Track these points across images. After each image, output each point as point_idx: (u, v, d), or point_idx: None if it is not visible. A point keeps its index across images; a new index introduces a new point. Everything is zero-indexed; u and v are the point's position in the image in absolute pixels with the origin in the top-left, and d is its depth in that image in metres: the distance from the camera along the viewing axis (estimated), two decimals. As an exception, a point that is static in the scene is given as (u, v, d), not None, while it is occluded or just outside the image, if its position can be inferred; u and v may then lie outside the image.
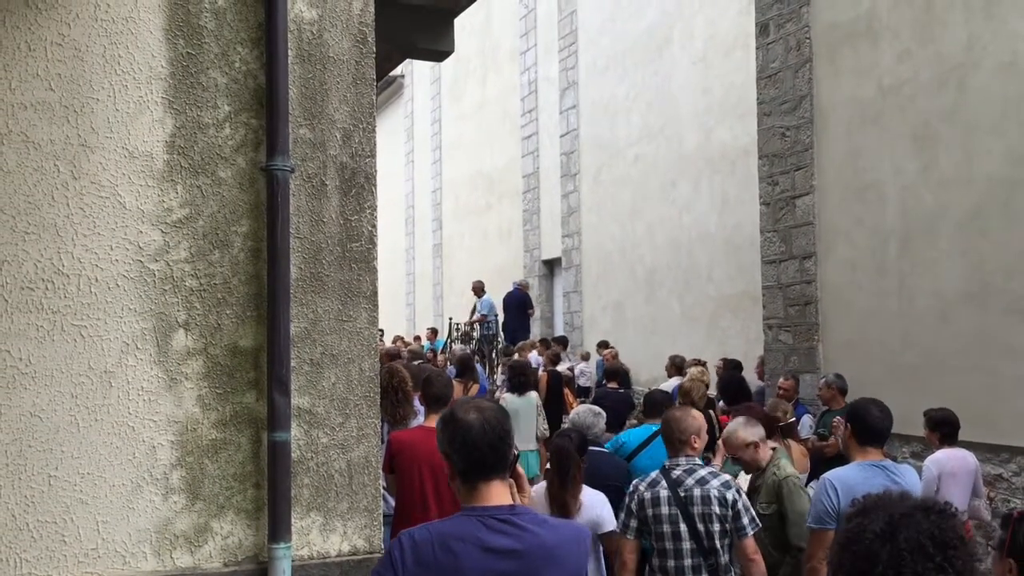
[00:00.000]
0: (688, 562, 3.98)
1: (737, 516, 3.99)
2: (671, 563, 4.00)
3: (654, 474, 4.19)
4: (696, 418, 4.33)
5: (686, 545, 3.97)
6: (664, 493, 4.05)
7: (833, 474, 4.12)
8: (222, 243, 3.50)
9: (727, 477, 4.19)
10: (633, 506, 4.14)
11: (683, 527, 3.98)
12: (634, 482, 4.26)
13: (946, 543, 1.72)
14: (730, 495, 4.01)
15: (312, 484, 3.58)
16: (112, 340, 3.31)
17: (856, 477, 3.94)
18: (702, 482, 4.04)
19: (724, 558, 4.01)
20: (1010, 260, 7.27)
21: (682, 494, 4.02)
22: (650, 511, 4.05)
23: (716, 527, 3.97)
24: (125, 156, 3.37)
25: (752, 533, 4.03)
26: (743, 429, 4.84)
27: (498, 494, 2.20)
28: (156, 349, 3.38)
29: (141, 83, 3.41)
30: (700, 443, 4.28)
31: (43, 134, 3.27)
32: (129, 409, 3.32)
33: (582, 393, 12.49)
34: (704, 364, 10.11)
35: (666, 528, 4.01)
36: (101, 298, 3.31)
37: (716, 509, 3.97)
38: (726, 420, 6.68)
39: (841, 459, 5.58)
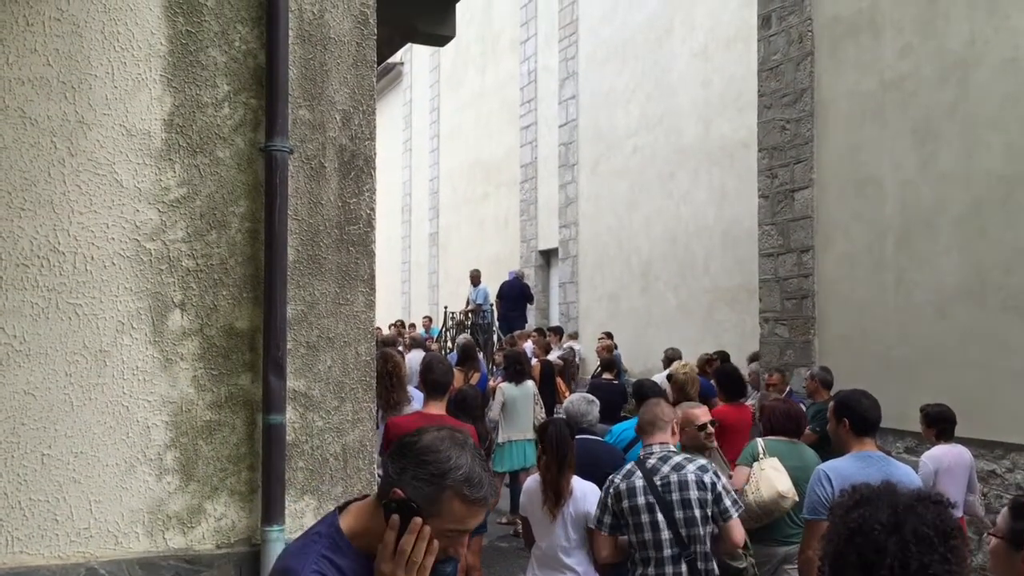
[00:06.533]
0: (667, 552, 3.86)
1: (719, 499, 3.89)
2: (651, 554, 3.89)
3: (629, 465, 4.08)
4: (670, 406, 4.40)
5: (664, 535, 3.86)
6: (639, 483, 3.93)
7: (828, 465, 4.09)
8: (219, 223, 3.47)
9: (703, 461, 4.06)
10: (609, 500, 4.03)
11: (660, 517, 3.87)
12: (609, 476, 4.13)
13: (947, 533, 1.76)
14: (707, 478, 3.91)
15: (307, 467, 3.56)
16: (107, 319, 3.29)
17: (851, 468, 3.92)
18: (677, 468, 3.93)
19: (704, 547, 3.92)
20: (1008, 256, 7.26)
21: (658, 482, 3.91)
22: (626, 503, 3.94)
23: (697, 512, 3.85)
24: (123, 134, 3.34)
25: (737, 515, 3.97)
26: (699, 409, 4.89)
27: None
28: (152, 329, 3.36)
29: (140, 60, 3.38)
30: (677, 433, 4.28)
31: (40, 110, 3.24)
32: (123, 389, 3.30)
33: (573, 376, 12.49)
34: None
35: (644, 518, 3.89)
36: (97, 276, 3.28)
37: (694, 494, 3.86)
38: (725, 411, 6.66)
39: (818, 448, 5.56)
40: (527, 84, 18.48)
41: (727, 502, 3.93)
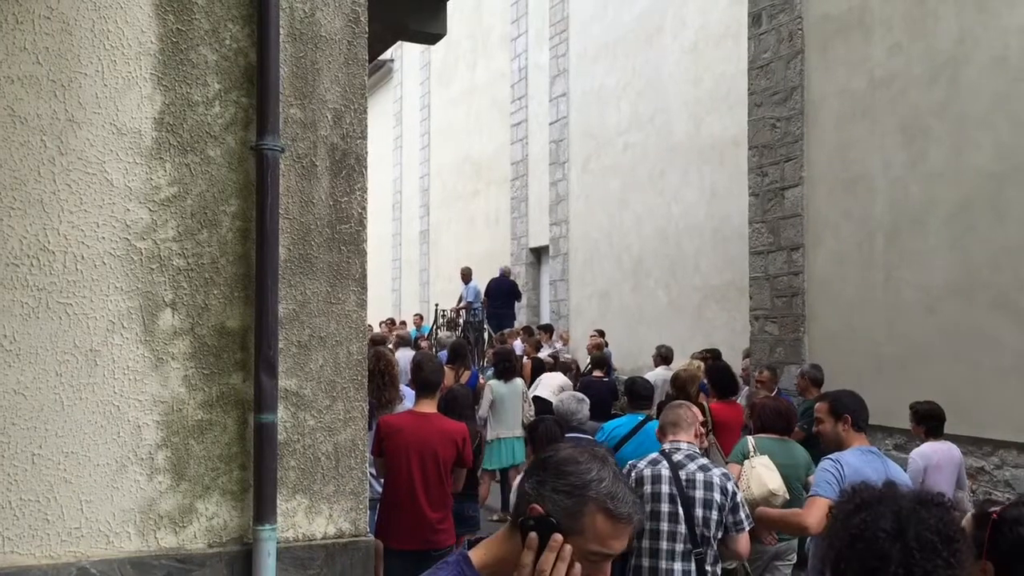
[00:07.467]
0: (679, 547, 3.89)
1: (736, 509, 3.95)
2: (662, 545, 3.91)
3: (654, 455, 4.12)
4: (690, 411, 4.38)
5: (681, 528, 3.90)
6: (665, 472, 3.97)
7: (839, 456, 4.11)
8: (210, 222, 3.46)
9: (725, 469, 4.16)
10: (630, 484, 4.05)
11: (680, 510, 3.91)
12: (630, 462, 4.14)
13: (950, 537, 1.73)
14: (731, 486, 3.97)
15: (298, 466, 3.56)
16: (98, 318, 3.28)
17: (859, 461, 3.97)
18: (704, 468, 3.99)
19: (713, 550, 3.95)
20: (997, 254, 7.30)
21: (683, 476, 3.95)
22: (648, 487, 3.96)
23: (714, 515, 3.90)
24: (113, 132, 3.33)
25: (749, 528, 4.01)
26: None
27: None
28: (142, 328, 3.34)
29: (130, 58, 3.37)
30: (700, 436, 4.32)
31: (30, 109, 3.22)
32: (114, 388, 3.29)
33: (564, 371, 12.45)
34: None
35: (663, 507, 3.92)
36: (87, 276, 3.27)
37: (717, 496, 3.91)
38: (716, 408, 6.68)
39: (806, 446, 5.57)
40: (518, 81, 18.47)
41: (742, 514, 3.98)
